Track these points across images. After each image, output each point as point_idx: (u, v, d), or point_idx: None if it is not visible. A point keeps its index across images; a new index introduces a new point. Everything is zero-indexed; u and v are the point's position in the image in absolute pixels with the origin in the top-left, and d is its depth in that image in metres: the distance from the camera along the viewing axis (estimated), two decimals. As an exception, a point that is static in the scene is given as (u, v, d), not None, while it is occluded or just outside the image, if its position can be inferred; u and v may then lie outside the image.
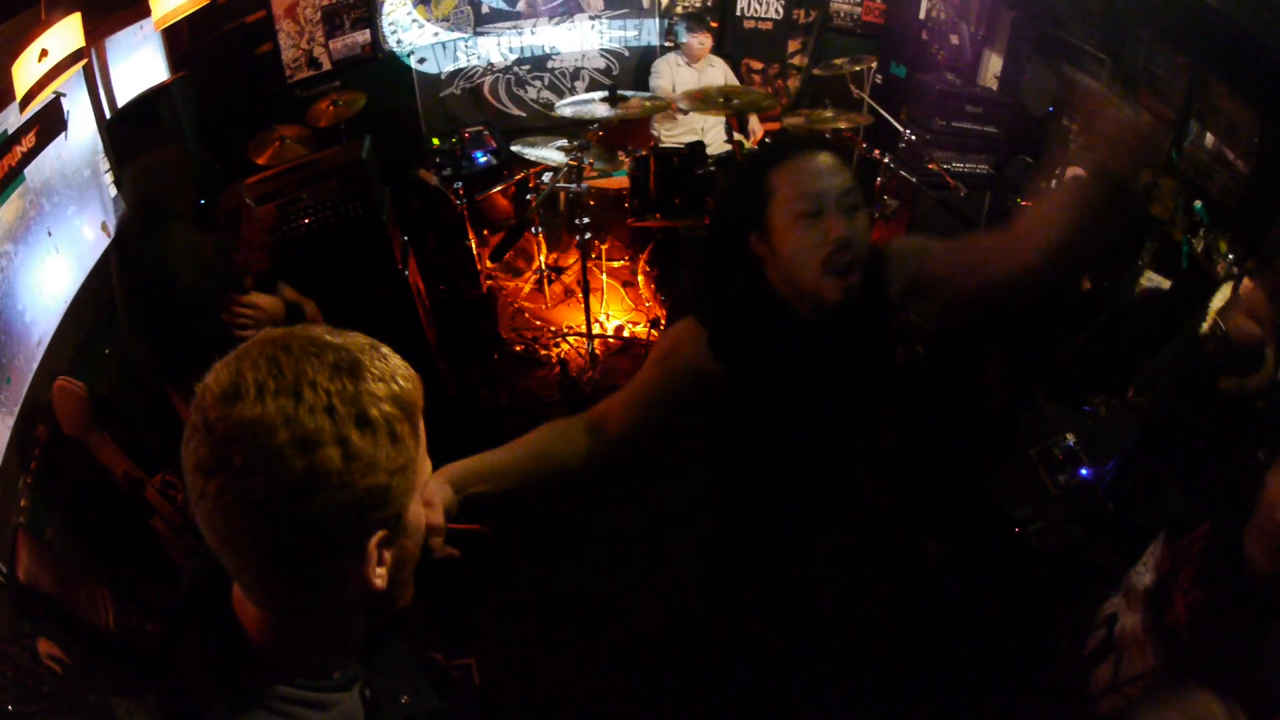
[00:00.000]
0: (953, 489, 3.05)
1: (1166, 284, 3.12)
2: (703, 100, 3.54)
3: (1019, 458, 2.88)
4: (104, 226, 2.49)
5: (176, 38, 3.35)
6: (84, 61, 2.39)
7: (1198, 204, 3.25)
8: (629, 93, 3.69)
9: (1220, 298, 2.92)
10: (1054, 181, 3.70)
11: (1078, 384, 2.98)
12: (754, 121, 4.63)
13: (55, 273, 2.19)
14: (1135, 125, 1.14)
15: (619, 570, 2.79)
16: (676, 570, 2.66)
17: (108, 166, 2.65)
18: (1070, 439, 2.83)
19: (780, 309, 1.39)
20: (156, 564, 2.20)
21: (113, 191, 2.60)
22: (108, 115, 2.73)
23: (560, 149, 3.58)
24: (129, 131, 2.78)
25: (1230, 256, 3.06)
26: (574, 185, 3.49)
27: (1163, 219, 3.64)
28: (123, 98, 2.86)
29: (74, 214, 2.32)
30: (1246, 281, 2.59)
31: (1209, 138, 3.40)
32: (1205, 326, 2.90)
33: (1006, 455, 2.95)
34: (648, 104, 3.66)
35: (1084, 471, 2.73)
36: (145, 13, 2.93)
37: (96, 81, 2.69)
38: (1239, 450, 2.11)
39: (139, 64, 3.05)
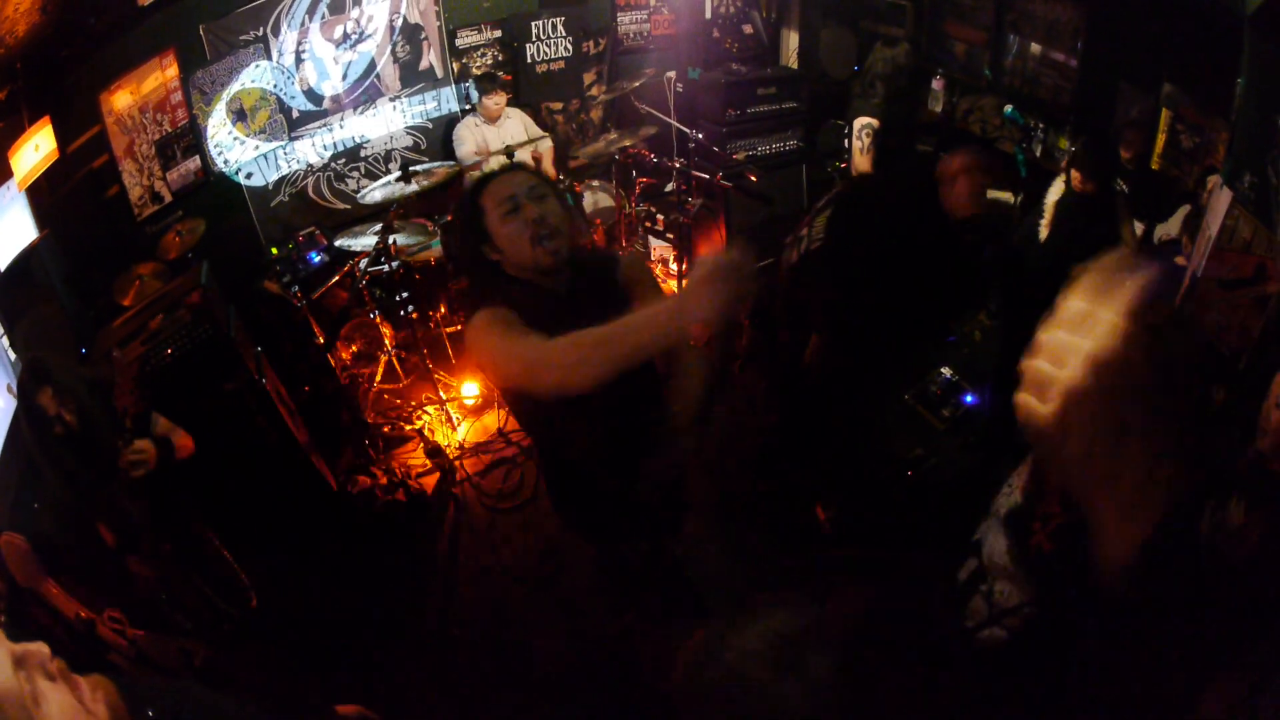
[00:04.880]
0: (826, 452, 2.97)
1: (1011, 198, 2.81)
2: (491, 158, 3.98)
3: (895, 406, 2.81)
4: (9, 388, 2.62)
5: (39, 195, 3.39)
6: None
7: (1007, 108, 3.26)
8: (422, 166, 4.00)
9: (1055, 191, 2.89)
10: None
11: (935, 321, 2.89)
12: (546, 163, 4.96)
13: (-26, 440, 2.34)
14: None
15: (523, 607, 2.92)
16: (575, 596, 2.89)
17: (2, 331, 2.80)
18: (946, 372, 2.81)
19: (527, 289, 1.73)
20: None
21: (11, 355, 2.77)
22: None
23: (375, 234, 3.80)
24: (10, 295, 2.92)
25: (1073, 149, 3.00)
26: (386, 265, 3.71)
27: (989, 137, 3.81)
28: (4, 261, 2.99)
29: (-22, 383, 2.47)
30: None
31: (1033, 46, 3.46)
32: (1044, 224, 2.87)
33: (878, 408, 2.84)
34: (449, 170, 4.04)
35: (968, 398, 2.71)
36: (9, 174, 3.10)
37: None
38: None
39: (11, 225, 3.17)
